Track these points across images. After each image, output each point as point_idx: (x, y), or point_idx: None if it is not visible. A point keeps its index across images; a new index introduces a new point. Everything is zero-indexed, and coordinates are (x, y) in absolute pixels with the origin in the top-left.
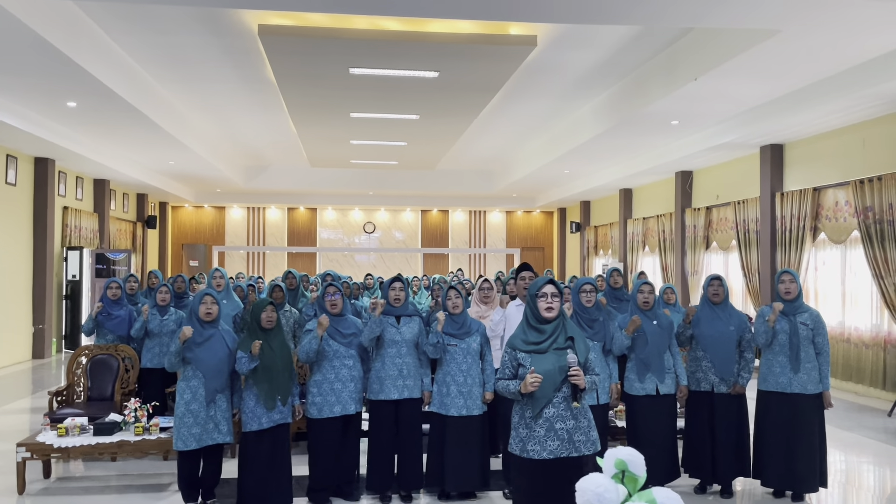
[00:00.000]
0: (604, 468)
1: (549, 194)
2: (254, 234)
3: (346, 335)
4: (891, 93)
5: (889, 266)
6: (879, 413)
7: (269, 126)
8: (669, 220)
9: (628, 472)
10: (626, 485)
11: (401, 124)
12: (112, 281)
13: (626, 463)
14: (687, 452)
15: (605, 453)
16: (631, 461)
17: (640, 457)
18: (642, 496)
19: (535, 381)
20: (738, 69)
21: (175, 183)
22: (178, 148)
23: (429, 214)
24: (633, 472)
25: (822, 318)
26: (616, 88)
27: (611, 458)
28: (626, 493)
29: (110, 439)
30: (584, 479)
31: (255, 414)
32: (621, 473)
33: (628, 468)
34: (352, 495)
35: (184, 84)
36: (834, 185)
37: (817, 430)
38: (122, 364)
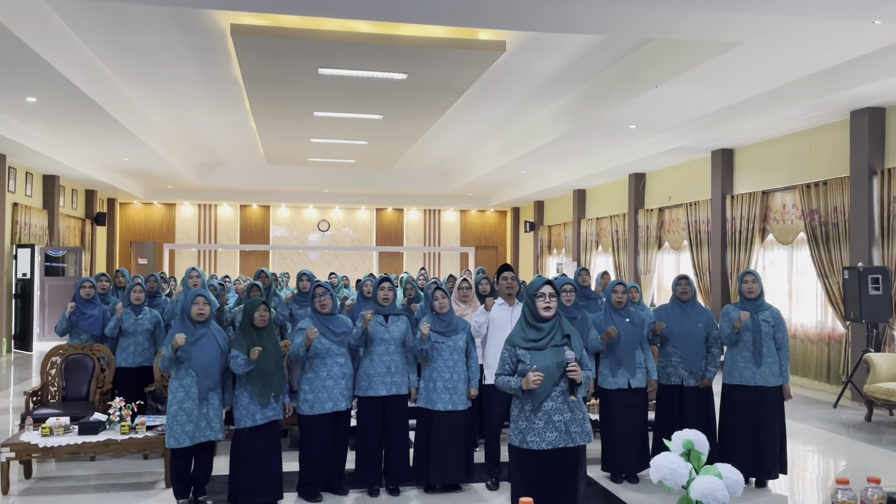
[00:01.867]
0: (672, 448)
1: (504, 194)
2: (205, 232)
3: (338, 333)
4: (837, 102)
5: (833, 266)
6: (825, 405)
7: (227, 123)
8: (623, 220)
9: (694, 451)
10: (692, 462)
11: (363, 123)
12: (85, 280)
13: (693, 443)
14: (657, 443)
15: (673, 435)
16: (696, 441)
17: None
18: (709, 471)
19: (537, 379)
20: (699, 78)
21: (126, 179)
22: (136, 144)
23: (384, 213)
24: (699, 450)
25: (782, 315)
26: (577, 93)
27: (678, 439)
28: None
29: (96, 438)
30: (658, 457)
31: (249, 411)
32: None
33: (694, 447)
34: (341, 490)
35: (145, 80)
36: (782, 188)
37: (778, 421)
38: (97, 364)
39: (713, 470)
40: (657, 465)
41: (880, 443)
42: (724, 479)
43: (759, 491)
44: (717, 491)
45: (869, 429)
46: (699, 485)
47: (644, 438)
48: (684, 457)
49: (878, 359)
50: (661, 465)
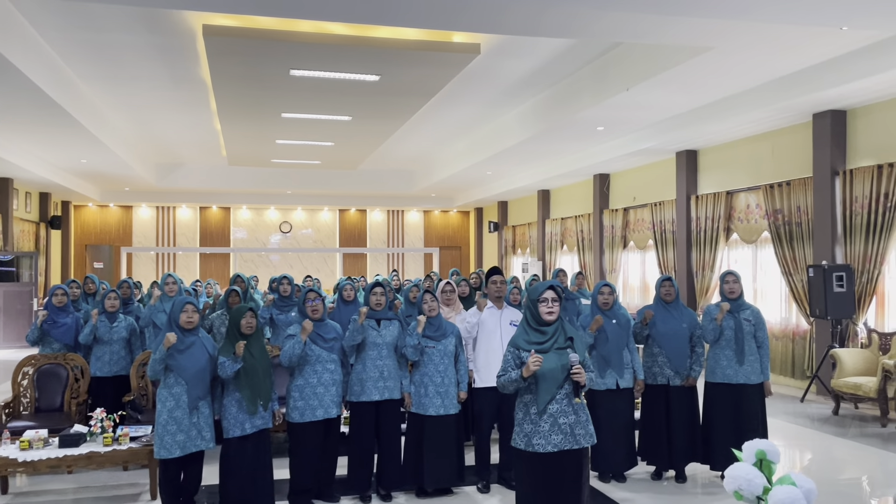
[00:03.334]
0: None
1: (468, 194)
2: (163, 235)
3: (328, 339)
4: (800, 106)
5: (797, 264)
6: (792, 399)
7: (189, 124)
8: (588, 220)
9: (766, 461)
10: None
11: (331, 125)
12: (58, 288)
13: (766, 452)
14: (644, 442)
15: (744, 445)
16: (769, 451)
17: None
18: (783, 480)
19: (536, 361)
20: (669, 81)
21: (82, 181)
22: (95, 146)
23: (347, 214)
24: (771, 459)
25: (762, 314)
26: (546, 95)
27: (751, 449)
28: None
29: (78, 451)
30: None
31: (238, 420)
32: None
33: (766, 457)
34: (332, 497)
35: (107, 81)
36: (746, 188)
37: (760, 417)
38: (71, 373)
39: (787, 479)
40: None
41: (847, 435)
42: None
43: None
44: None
45: (836, 422)
46: (778, 495)
47: (631, 438)
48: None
49: (843, 354)
50: (737, 476)
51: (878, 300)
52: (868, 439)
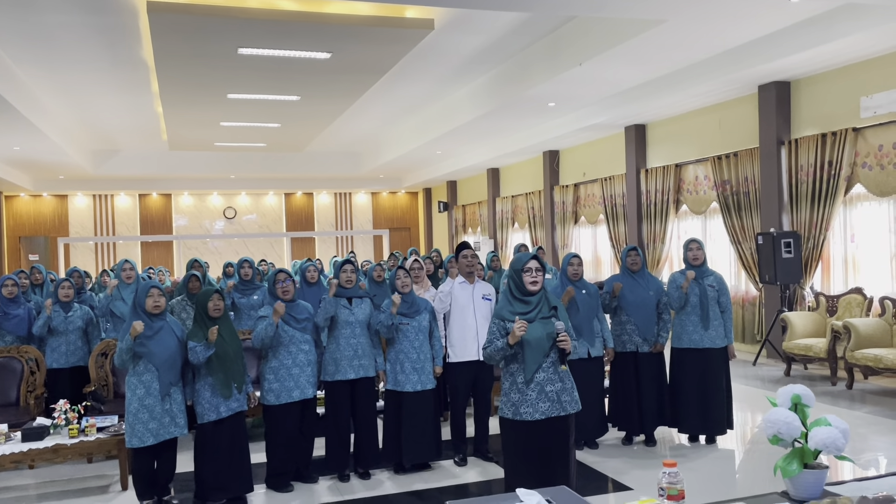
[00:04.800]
0: (779, 403)
1: (416, 175)
2: (102, 224)
3: (301, 320)
4: (745, 78)
5: (745, 233)
6: (745, 363)
7: (128, 108)
8: (538, 197)
9: (800, 404)
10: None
11: (279, 105)
12: (7, 278)
13: (801, 396)
14: (614, 408)
15: (779, 391)
16: (804, 395)
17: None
18: (819, 422)
19: (521, 327)
20: (622, 55)
21: (13, 170)
22: (30, 132)
23: (293, 198)
24: (806, 403)
25: (724, 280)
26: (498, 72)
27: (786, 394)
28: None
29: (42, 444)
30: (772, 412)
31: (213, 404)
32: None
33: (801, 401)
34: (311, 478)
35: (43, 64)
36: (694, 161)
37: (724, 379)
38: (26, 366)
39: (823, 421)
40: (771, 421)
41: None
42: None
43: (710, 447)
44: (837, 440)
45: (788, 383)
46: (819, 435)
47: (601, 405)
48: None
49: (794, 317)
50: (776, 420)
51: (823, 265)
52: (820, 397)
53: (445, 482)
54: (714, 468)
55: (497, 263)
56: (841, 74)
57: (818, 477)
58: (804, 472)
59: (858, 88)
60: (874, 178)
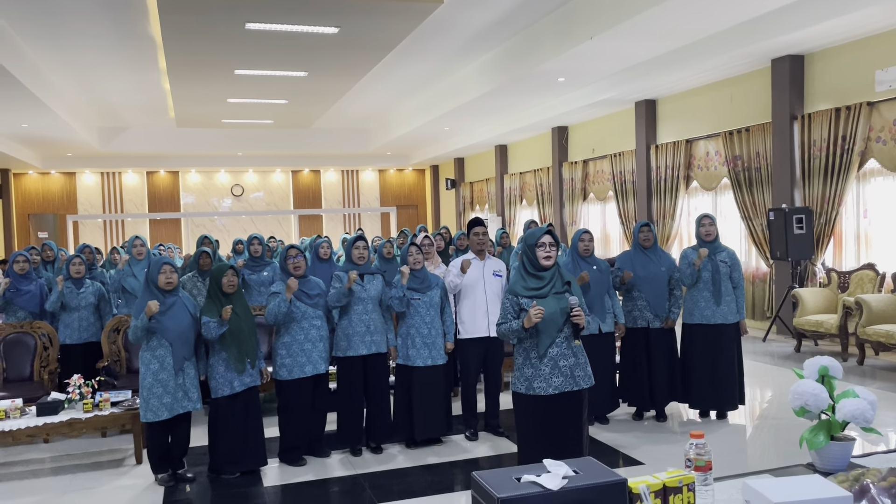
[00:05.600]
0: (806, 375)
1: (423, 152)
2: (110, 201)
3: (313, 296)
4: (758, 51)
5: (756, 209)
6: (755, 339)
7: (136, 85)
8: (547, 173)
9: (828, 377)
10: (825, 386)
11: (286, 81)
12: (18, 254)
13: (828, 368)
14: (624, 384)
15: (806, 362)
16: (831, 367)
17: (837, 363)
18: (847, 394)
19: (538, 313)
20: (634, 29)
21: (21, 148)
22: (38, 109)
23: (300, 175)
24: (833, 375)
25: (737, 255)
26: (506, 47)
27: (813, 366)
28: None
29: (58, 419)
30: (799, 384)
31: (226, 379)
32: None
33: (828, 373)
34: (323, 452)
35: (50, 41)
36: (705, 136)
37: (736, 356)
38: (39, 342)
39: (851, 393)
40: (798, 393)
41: None
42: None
43: (721, 422)
44: (866, 411)
45: (798, 359)
46: (847, 406)
47: (613, 381)
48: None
49: (805, 293)
50: (804, 392)
51: (835, 241)
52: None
53: (457, 456)
54: (724, 443)
55: (506, 240)
56: (855, 48)
57: (845, 449)
58: (831, 444)
59: (873, 62)
60: (888, 153)
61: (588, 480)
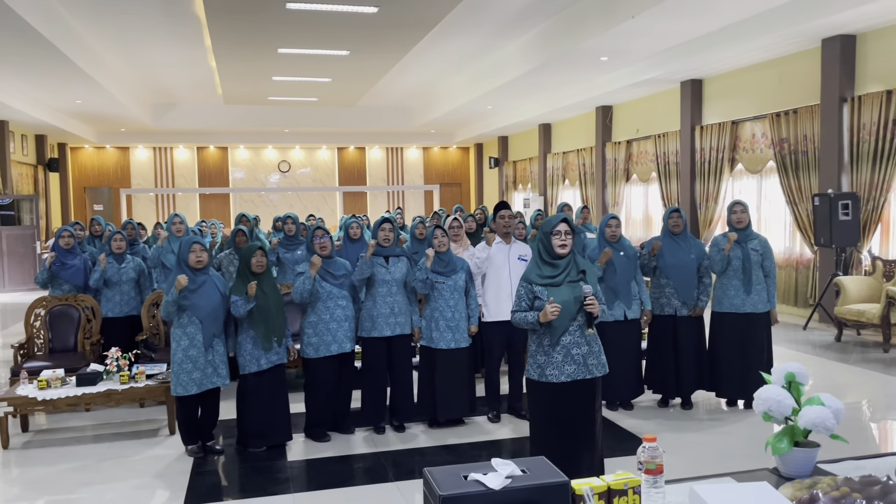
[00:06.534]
0: (773, 381)
1: (468, 130)
2: (162, 176)
3: (338, 276)
4: (808, 31)
5: (802, 193)
6: (795, 328)
7: (184, 62)
8: (590, 153)
9: (795, 383)
10: (792, 392)
11: (328, 60)
12: (64, 230)
13: (795, 374)
14: (650, 371)
15: (774, 368)
16: (798, 373)
17: (804, 369)
18: (812, 401)
19: (555, 311)
20: (679, 7)
21: (77, 123)
22: (90, 85)
23: (345, 152)
24: (800, 381)
25: (769, 243)
26: (548, 25)
27: (780, 372)
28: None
29: (95, 389)
30: (763, 390)
31: (254, 356)
32: (788, 384)
33: (795, 379)
34: (348, 429)
35: (100, 18)
36: (751, 118)
37: (766, 345)
38: (82, 314)
39: (816, 400)
40: (762, 398)
41: (849, 361)
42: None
43: (748, 412)
44: (827, 419)
45: (839, 348)
46: (809, 414)
47: (638, 367)
48: (785, 388)
49: (847, 282)
50: (767, 398)
51: (882, 228)
52: (870, 364)
53: (477, 438)
54: (750, 433)
55: (542, 222)
56: None
57: (808, 455)
58: (794, 451)
59: None
60: None
61: (531, 481)
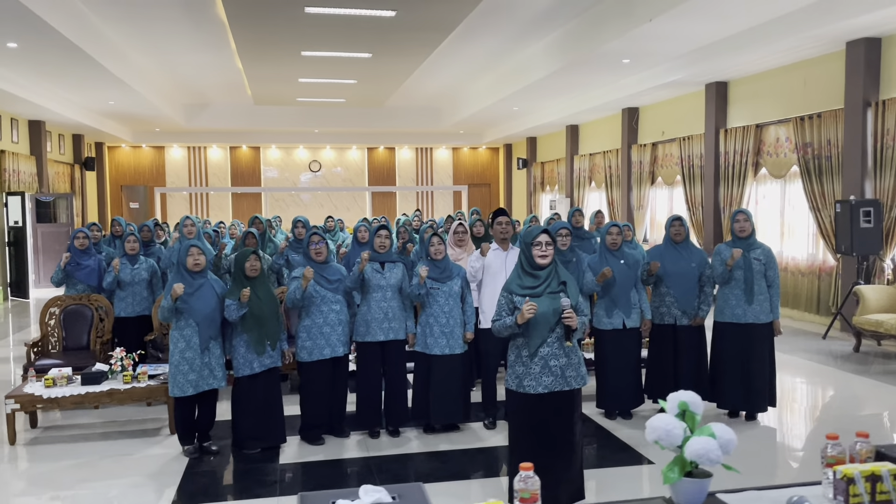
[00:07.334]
0: (667, 409)
1: (497, 130)
2: (195, 175)
3: (333, 281)
4: (833, 33)
5: (825, 199)
6: (814, 336)
7: (213, 64)
8: (616, 155)
9: (688, 412)
10: (686, 422)
11: (352, 63)
12: (79, 231)
13: (688, 404)
14: (650, 380)
15: (669, 396)
16: (691, 402)
17: (698, 398)
18: (703, 431)
19: (531, 309)
20: (695, 9)
21: (112, 122)
22: (120, 87)
23: (375, 152)
24: (693, 411)
25: (773, 253)
26: (569, 27)
27: (674, 400)
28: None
29: (99, 388)
30: (654, 419)
31: (247, 360)
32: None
33: (689, 408)
34: (342, 432)
35: (128, 22)
36: (775, 121)
37: (768, 356)
38: (95, 313)
39: (707, 430)
40: (652, 427)
41: (868, 373)
42: (717, 438)
43: (750, 424)
44: (711, 451)
45: (857, 359)
46: (694, 446)
47: (637, 376)
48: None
49: (867, 291)
50: (657, 427)
51: None
52: (889, 376)
53: (470, 444)
54: (745, 448)
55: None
56: None
57: (699, 486)
58: (684, 481)
59: None
60: None
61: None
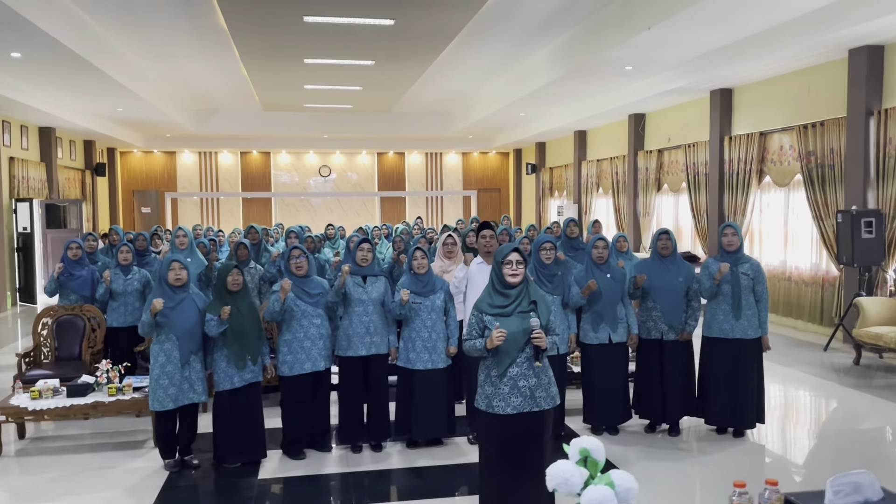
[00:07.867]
0: (569, 455)
1: (506, 135)
2: (207, 180)
3: (314, 295)
4: (836, 41)
5: (828, 208)
6: (816, 347)
7: (219, 71)
8: (623, 162)
9: (590, 458)
10: (588, 468)
11: (355, 70)
12: (72, 241)
13: (589, 450)
14: (638, 395)
15: (571, 441)
16: (593, 449)
17: (600, 445)
18: (602, 479)
19: (500, 336)
20: (696, 17)
21: (123, 129)
22: (127, 95)
23: (385, 157)
24: (595, 457)
25: (761, 267)
26: (571, 34)
27: (576, 446)
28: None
29: (84, 401)
30: (554, 465)
31: (227, 374)
32: (584, 459)
33: (591, 454)
34: (325, 447)
35: (132, 31)
36: (779, 129)
37: (756, 372)
38: (88, 324)
39: (606, 478)
40: (552, 474)
41: (868, 387)
42: (616, 487)
43: (737, 441)
44: (607, 501)
45: (857, 373)
46: (589, 495)
47: (625, 391)
48: (580, 463)
49: (867, 303)
50: (556, 475)
51: None
52: (888, 391)
53: (452, 460)
54: (731, 464)
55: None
56: None
57: None
58: None
59: None
60: None
61: None
